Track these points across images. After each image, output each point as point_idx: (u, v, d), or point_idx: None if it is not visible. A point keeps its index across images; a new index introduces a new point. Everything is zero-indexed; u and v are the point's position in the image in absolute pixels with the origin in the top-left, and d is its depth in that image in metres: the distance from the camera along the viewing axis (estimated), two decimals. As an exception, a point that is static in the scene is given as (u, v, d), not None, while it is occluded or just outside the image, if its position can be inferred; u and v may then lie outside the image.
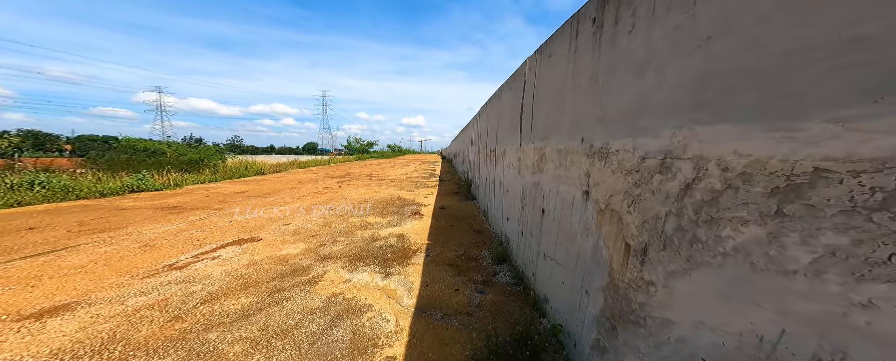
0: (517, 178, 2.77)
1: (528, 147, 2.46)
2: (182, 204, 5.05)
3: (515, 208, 2.82)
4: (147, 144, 9.90)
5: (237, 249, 3.07)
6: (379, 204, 5.66)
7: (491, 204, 4.31)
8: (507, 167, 3.18)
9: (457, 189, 7.83)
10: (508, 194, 3.17)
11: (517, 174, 2.77)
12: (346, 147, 38.95)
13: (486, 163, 4.80)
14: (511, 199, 3.02)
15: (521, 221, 2.60)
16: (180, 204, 5.12)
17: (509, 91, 3.21)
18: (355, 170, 13.27)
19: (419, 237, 3.78)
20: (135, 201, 5.23)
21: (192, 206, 4.96)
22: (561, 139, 1.77)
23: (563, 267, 1.70)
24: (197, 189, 6.85)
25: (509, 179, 3.10)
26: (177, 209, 4.75)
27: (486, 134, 4.81)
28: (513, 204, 2.92)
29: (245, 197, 6.08)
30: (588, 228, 1.43)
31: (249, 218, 4.30)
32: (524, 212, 2.53)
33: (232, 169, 10.06)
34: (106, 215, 4.15)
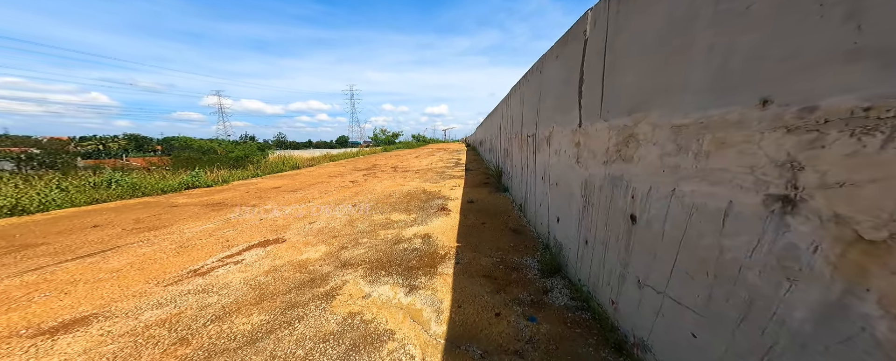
0: (574, 168, 2.12)
1: (595, 126, 1.79)
2: (224, 201, 5.29)
3: (572, 207, 2.19)
4: (200, 143, 10.86)
5: (260, 252, 2.95)
6: (403, 199, 5.35)
7: (530, 198, 3.67)
8: (556, 154, 2.51)
9: (485, 179, 7.22)
10: (558, 188, 2.52)
11: (574, 163, 2.12)
12: (373, 139, 39.94)
13: (522, 151, 4.11)
14: (563, 195, 2.39)
15: (584, 226, 1.97)
16: (223, 200, 5.37)
17: (555, 61, 2.48)
18: (381, 162, 13.30)
19: (447, 238, 3.35)
20: (188, 198, 5.63)
21: (232, 202, 5.15)
22: (685, 107, 1.09)
23: (694, 312, 1.09)
24: (240, 185, 7.27)
25: (560, 169, 2.44)
26: (219, 205, 4.96)
27: (521, 116, 4.08)
28: (567, 201, 2.29)
29: (279, 192, 6.23)
30: (784, 263, 0.79)
31: (279, 216, 4.27)
32: (589, 215, 1.90)
33: (272, 164, 10.67)
34: (160, 212, 4.45)
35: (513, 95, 4.89)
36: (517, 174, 4.64)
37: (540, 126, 3.08)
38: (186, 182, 6.50)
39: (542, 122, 3.00)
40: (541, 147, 3.06)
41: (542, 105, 2.99)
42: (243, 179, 8.30)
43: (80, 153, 12.23)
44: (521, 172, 4.19)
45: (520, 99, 4.20)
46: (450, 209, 4.58)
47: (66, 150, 11.84)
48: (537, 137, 3.21)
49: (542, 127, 3.01)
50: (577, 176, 2.06)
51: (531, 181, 3.59)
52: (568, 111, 2.19)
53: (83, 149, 12.84)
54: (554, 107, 2.53)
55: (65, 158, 10.48)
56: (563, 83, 2.30)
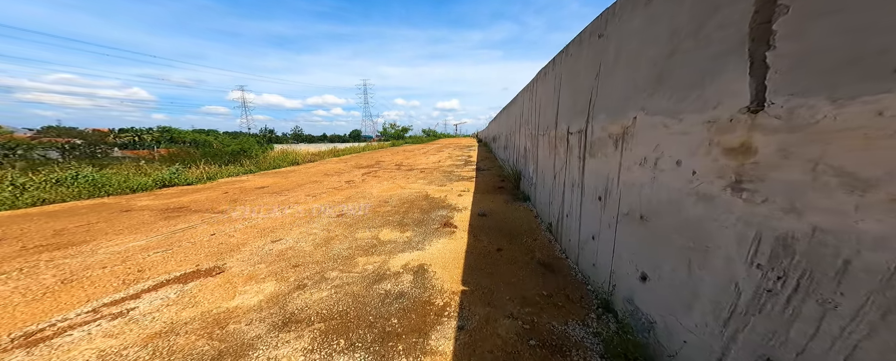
0: (718, 201, 1.01)
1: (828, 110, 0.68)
2: (189, 205, 4.53)
3: (701, 277, 1.11)
4: (194, 136, 10.35)
5: (173, 293, 2.06)
6: (401, 207, 4.39)
7: (569, 221, 2.58)
8: (646, 166, 1.40)
9: (499, 183, 6.13)
10: (645, 226, 1.43)
11: (718, 189, 1.01)
12: (383, 133, 39.34)
13: (555, 153, 3.00)
14: (659, 241, 1.31)
15: (758, 331, 0.90)
16: (188, 204, 4.61)
17: (638, 20, 1.36)
18: (386, 158, 12.43)
19: (448, 275, 2.35)
20: (152, 199, 4.93)
21: (197, 207, 4.38)
22: None
23: None
24: (225, 183, 6.57)
25: (654, 194, 1.35)
26: (179, 211, 4.19)
27: (555, 106, 2.97)
28: (680, 258, 1.20)
29: (261, 194, 5.44)
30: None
31: (239, 229, 3.42)
32: (774, 310, 0.82)
33: (272, 159, 10.04)
34: (99, 220, 3.68)
35: (540, 82, 3.75)
36: (544, 182, 3.53)
37: (597, 118, 1.98)
38: (163, 179, 5.84)
39: (603, 112, 1.89)
40: (597, 150, 1.96)
41: (604, 84, 1.88)
42: (233, 176, 7.64)
43: (117, 144, 12.70)
44: (553, 182, 3.09)
45: (552, 84, 3.08)
46: (455, 225, 3.57)
47: (105, 141, 12.41)
48: (589, 135, 2.11)
49: (602, 119, 1.90)
50: (726, 217, 0.97)
51: (571, 197, 2.50)
52: (698, 84, 1.09)
53: (120, 141, 13.45)
54: (648, 82, 1.42)
55: (104, 148, 11.06)
56: (651, 51, 1.21)
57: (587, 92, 2.13)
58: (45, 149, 9.81)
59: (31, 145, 9.44)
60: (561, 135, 2.78)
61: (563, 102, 2.71)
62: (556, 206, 2.96)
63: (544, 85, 3.52)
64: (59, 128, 14.32)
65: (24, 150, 8.97)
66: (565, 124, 2.64)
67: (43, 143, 10.36)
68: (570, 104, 2.52)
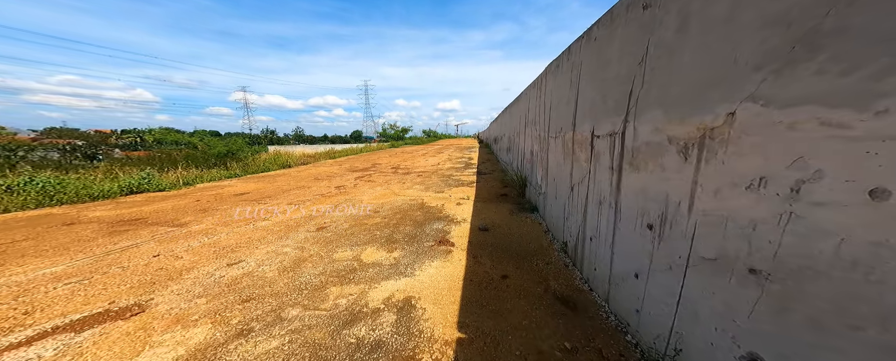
0: None
1: None
2: (148, 216, 3.97)
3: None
4: (176, 137, 9.83)
5: (55, 348, 1.49)
6: (392, 218, 3.85)
7: (596, 245, 2.03)
8: (748, 188, 0.86)
9: (502, 189, 5.59)
10: (753, 276, 0.89)
11: None
12: (382, 134, 38.83)
13: (570, 160, 2.47)
14: (806, 302, 0.76)
15: None
16: (148, 214, 4.05)
17: None
18: (383, 161, 11.90)
19: (441, 314, 1.81)
20: (108, 209, 4.36)
21: (156, 220, 3.82)
22: None
23: None
24: (201, 190, 6.01)
25: (773, 225, 0.80)
26: (131, 224, 3.63)
27: (570, 106, 2.44)
28: (820, 320, 0.66)
29: (239, 201, 4.90)
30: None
31: (195, 248, 2.87)
32: None
33: (262, 162, 9.50)
34: (25, 237, 3.05)
35: (551, 76, 3.22)
36: (556, 193, 3.00)
37: (643, 116, 1.45)
38: (130, 185, 5.27)
39: (658, 108, 1.36)
40: (645, 159, 1.42)
41: (656, 69, 1.36)
42: (215, 180, 7.09)
43: (118, 145, 12.52)
44: (570, 194, 2.55)
45: (568, 77, 2.55)
46: (452, 242, 3.02)
47: (107, 142, 12.24)
48: (629, 139, 1.57)
49: (655, 118, 1.36)
50: None
51: (599, 217, 1.96)
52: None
53: (122, 142, 13.31)
54: (773, 53, 0.88)
55: (105, 149, 10.88)
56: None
57: (624, 82, 1.60)
58: (46, 150, 9.73)
59: (32, 146, 9.30)
60: (581, 138, 2.25)
61: (585, 98, 2.18)
62: (575, 224, 2.42)
63: (557, 79, 3.00)
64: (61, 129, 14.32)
65: (24, 152, 8.81)
66: (588, 125, 2.11)
67: (44, 145, 10.22)
68: (595, 100, 1.99)
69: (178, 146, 10.50)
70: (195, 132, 67.63)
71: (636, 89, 1.49)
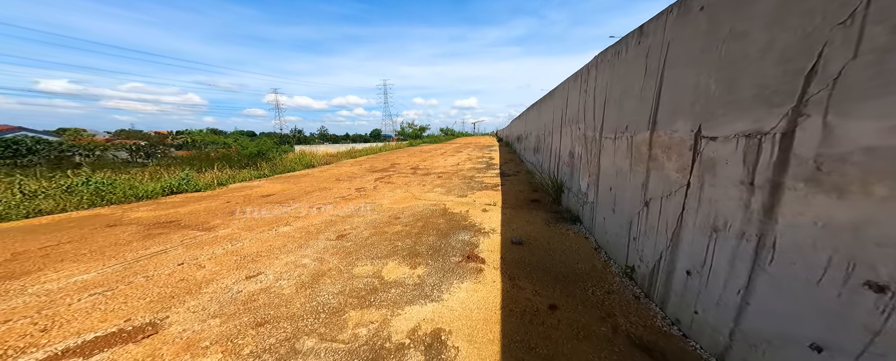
0: None
1: None
2: (182, 218, 4.08)
3: None
4: (213, 138, 10.43)
5: None
6: (414, 226, 3.58)
7: (712, 288, 1.55)
8: None
9: (531, 193, 5.11)
10: None
11: None
12: (400, 133, 39.21)
13: (645, 167, 1.99)
14: None
15: None
16: (183, 216, 4.17)
17: None
18: (402, 160, 11.81)
19: (479, 357, 1.48)
20: (149, 210, 4.57)
21: (189, 222, 3.90)
22: None
23: None
24: (233, 190, 6.22)
25: None
26: (166, 226, 3.72)
27: (648, 100, 1.95)
28: None
29: (264, 203, 4.94)
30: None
31: (218, 255, 2.81)
32: None
33: (288, 161, 9.81)
34: (71, 239, 3.21)
35: (606, 66, 2.72)
36: (615, 204, 2.52)
37: (861, 104, 0.96)
38: (171, 185, 5.55)
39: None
40: (862, 178, 0.94)
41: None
42: (245, 181, 7.35)
43: (173, 145, 14.21)
44: (644, 211, 2.07)
45: (643, 64, 2.05)
46: (482, 257, 2.68)
47: (164, 142, 13.76)
48: (810, 140, 1.10)
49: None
50: None
51: (714, 250, 1.49)
52: None
53: (177, 142, 15.08)
54: None
55: (163, 149, 12.25)
56: None
57: (792, 55, 1.11)
58: (117, 149, 11.06)
59: (105, 147, 10.67)
60: (668, 140, 1.76)
61: (678, 87, 1.69)
62: (652, 248, 1.94)
63: (616, 69, 2.50)
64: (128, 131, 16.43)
65: (100, 151, 10.22)
66: (685, 123, 1.61)
67: (115, 145, 11.53)
68: (705, 88, 1.49)
69: (215, 146, 11.22)
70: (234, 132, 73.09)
71: (830, 62, 0.98)
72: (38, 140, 10.11)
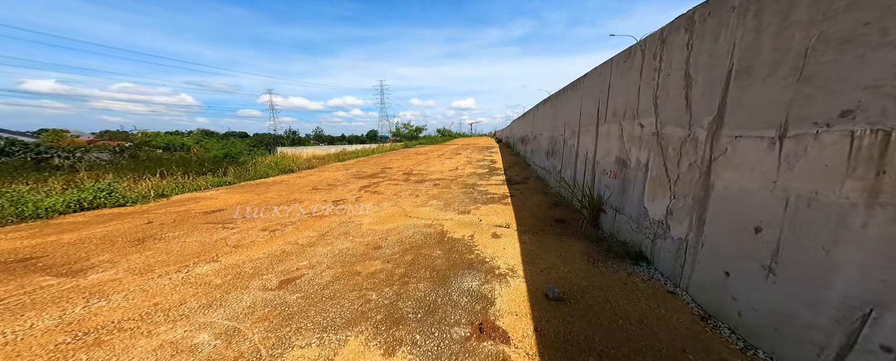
0: None
1: None
2: (45, 254, 2.67)
3: None
4: (168, 139, 9.18)
5: None
6: (397, 263, 2.43)
7: None
8: None
9: (552, 208, 4.02)
10: None
11: None
12: (395, 134, 37.91)
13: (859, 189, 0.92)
14: None
15: None
16: (49, 251, 2.76)
17: None
18: (395, 164, 10.65)
19: None
20: (18, 237, 3.31)
21: (52, 261, 2.55)
22: None
23: None
24: (174, 203, 4.92)
25: None
26: (7, 272, 2.43)
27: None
28: None
29: (203, 223, 3.73)
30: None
31: (49, 327, 1.62)
32: None
33: (263, 166, 8.55)
34: None
35: (742, 12, 1.67)
36: (783, 258, 1.45)
37: None
38: (82, 200, 4.08)
39: None
40: None
41: None
42: (199, 190, 6.05)
43: (159, 146, 13.39)
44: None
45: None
46: (504, 331, 1.55)
47: (149, 144, 12.84)
48: None
49: None
50: None
51: None
52: None
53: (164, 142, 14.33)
54: None
55: (147, 150, 11.34)
56: None
57: None
58: (100, 151, 10.44)
59: (87, 148, 9.94)
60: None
61: None
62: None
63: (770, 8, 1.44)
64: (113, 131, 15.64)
65: (81, 153, 9.39)
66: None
67: (97, 146, 10.90)
68: None
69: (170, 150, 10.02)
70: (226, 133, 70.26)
71: None
72: (13, 141, 9.33)
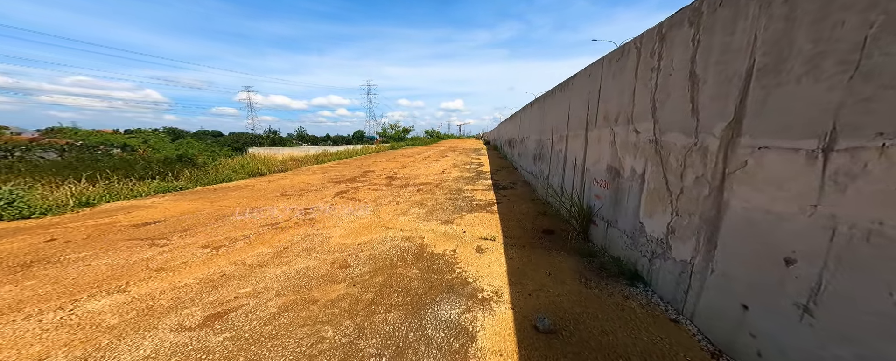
0: None
1: None
2: None
3: None
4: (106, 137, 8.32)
5: None
6: (367, 285, 2.03)
7: None
8: None
9: (540, 217, 3.80)
10: None
11: None
12: (382, 135, 37.04)
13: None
14: None
15: None
16: None
17: None
18: (378, 167, 10.17)
19: None
20: None
21: None
22: None
23: None
24: (97, 214, 4.10)
25: None
26: None
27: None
28: None
29: (127, 239, 3.12)
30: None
31: None
32: None
33: (227, 169, 7.77)
34: None
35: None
36: (825, 309, 1.23)
37: None
38: None
39: None
40: None
41: None
42: (137, 198, 5.18)
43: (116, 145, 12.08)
44: None
45: None
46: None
47: (105, 142, 11.75)
48: None
49: None
50: None
51: None
52: None
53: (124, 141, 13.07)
54: None
55: (104, 149, 10.24)
56: None
57: None
58: (44, 149, 9.45)
59: (29, 146, 8.89)
60: None
61: None
62: None
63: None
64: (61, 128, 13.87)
65: (21, 152, 8.39)
66: None
67: (42, 144, 9.81)
68: None
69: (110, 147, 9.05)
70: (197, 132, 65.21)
71: None
72: (-74, 137, 8.08)
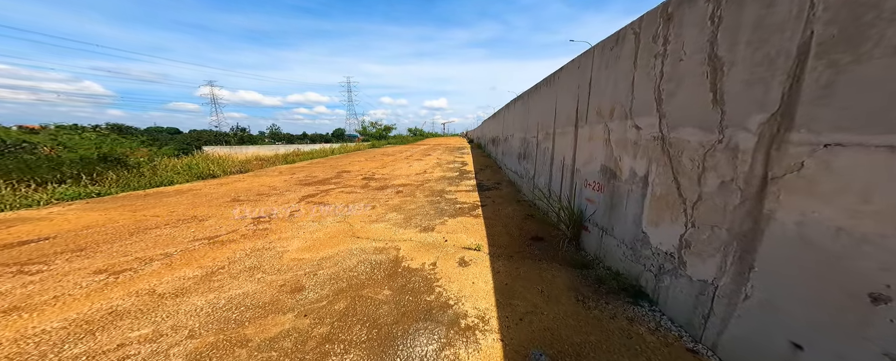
0: None
1: None
2: None
3: None
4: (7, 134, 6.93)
5: None
6: (322, 315, 1.57)
7: None
8: None
9: (527, 221, 3.53)
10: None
11: None
12: (362, 133, 35.61)
13: None
14: None
15: None
16: None
17: None
18: (356, 167, 9.52)
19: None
20: None
21: None
22: None
23: None
24: None
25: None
26: None
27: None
28: None
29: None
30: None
31: None
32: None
33: (169, 170, 6.74)
34: None
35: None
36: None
37: None
38: None
39: None
40: None
41: None
42: (37, 206, 4.27)
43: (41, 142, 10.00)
44: None
45: None
46: None
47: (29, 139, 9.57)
48: None
49: None
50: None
51: None
52: None
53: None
54: None
55: (28, 146, 8.40)
56: None
57: None
58: None
59: None
60: None
61: None
62: None
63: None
64: None
65: None
66: None
67: None
68: None
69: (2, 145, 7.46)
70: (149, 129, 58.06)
71: None
72: None
